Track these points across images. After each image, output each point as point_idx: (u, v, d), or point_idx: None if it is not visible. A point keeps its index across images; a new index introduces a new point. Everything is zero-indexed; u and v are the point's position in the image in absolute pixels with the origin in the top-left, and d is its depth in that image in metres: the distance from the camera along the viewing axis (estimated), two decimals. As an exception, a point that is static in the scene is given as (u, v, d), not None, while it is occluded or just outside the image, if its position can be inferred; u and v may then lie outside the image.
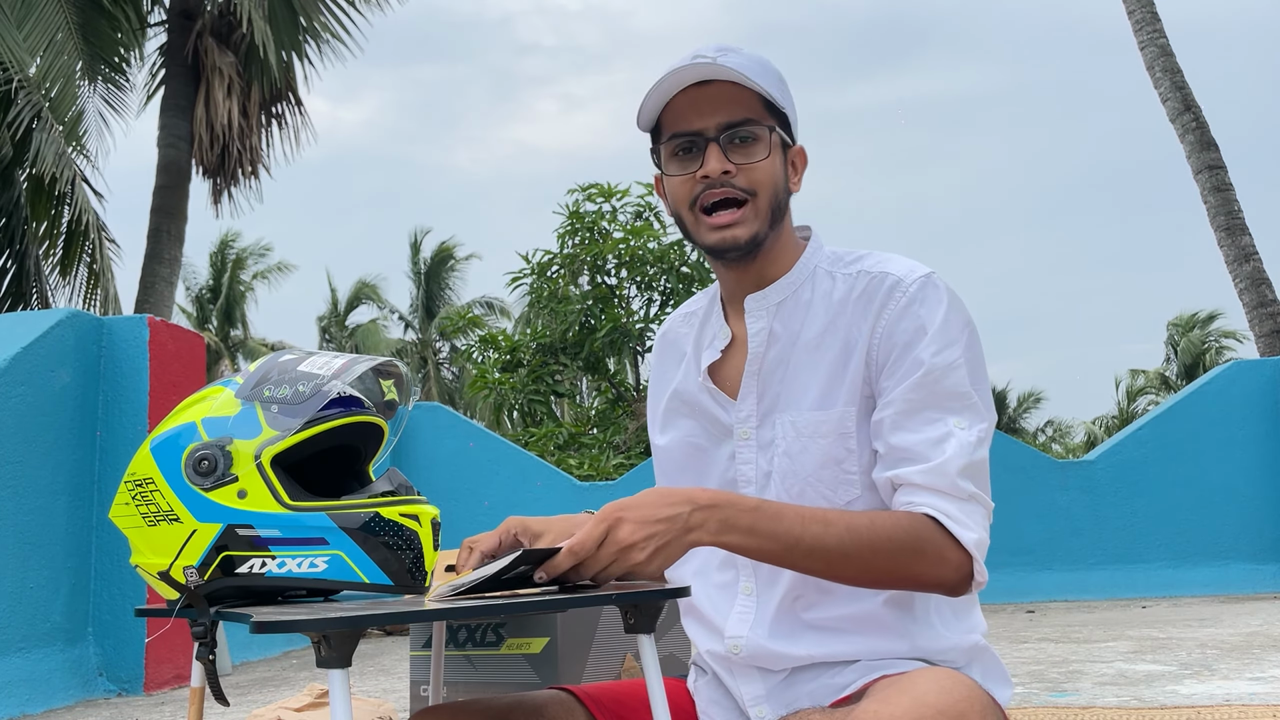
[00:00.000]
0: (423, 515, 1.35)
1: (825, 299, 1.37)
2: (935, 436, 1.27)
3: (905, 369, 1.30)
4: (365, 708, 3.07)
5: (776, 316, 1.38)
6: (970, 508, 1.26)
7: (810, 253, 1.42)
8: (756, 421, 1.38)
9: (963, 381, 1.29)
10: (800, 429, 1.34)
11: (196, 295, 31.50)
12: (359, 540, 1.31)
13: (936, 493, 1.25)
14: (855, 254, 1.41)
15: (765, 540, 1.20)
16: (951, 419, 1.28)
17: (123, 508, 1.36)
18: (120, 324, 5.01)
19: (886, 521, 1.23)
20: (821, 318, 1.36)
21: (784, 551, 1.21)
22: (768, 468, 1.36)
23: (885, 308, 1.32)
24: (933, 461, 1.26)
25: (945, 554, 1.23)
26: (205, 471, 1.30)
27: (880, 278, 1.35)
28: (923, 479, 1.25)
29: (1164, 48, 10.30)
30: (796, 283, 1.39)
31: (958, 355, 1.30)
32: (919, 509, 1.25)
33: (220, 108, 11.90)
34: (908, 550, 1.22)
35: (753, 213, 1.35)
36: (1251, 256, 9.80)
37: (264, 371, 1.39)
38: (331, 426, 1.34)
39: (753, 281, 1.41)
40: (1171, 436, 7.54)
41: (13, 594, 4.32)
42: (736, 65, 1.32)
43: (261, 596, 1.33)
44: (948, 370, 1.29)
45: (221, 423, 1.33)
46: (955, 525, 1.23)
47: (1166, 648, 4.61)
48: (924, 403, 1.28)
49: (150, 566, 1.35)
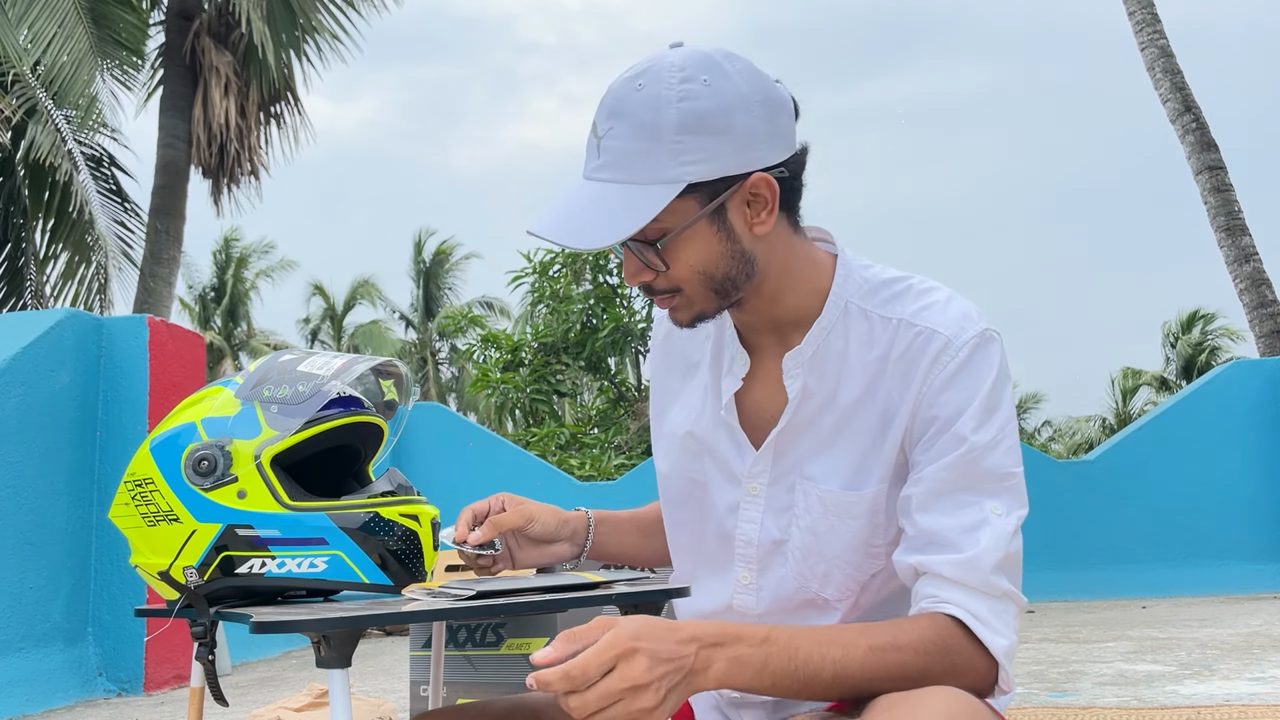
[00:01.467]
0: (422, 515, 1.35)
1: (862, 351, 1.22)
2: (969, 523, 1.14)
3: (943, 444, 1.16)
4: (365, 708, 3.07)
5: (809, 370, 1.23)
6: (1002, 607, 1.14)
7: (840, 284, 1.24)
8: (769, 479, 1.26)
9: (1003, 461, 1.16)
10: (829, 506, 1.22)
11: (200, 294, 31.50)
12: (359, 540, 1.31)
13: (967, 589, 1.13)
14: (892, 283, 1.25)
15: (780, 678, 1.06)
16: (989, 503, 1.15)
17: (122, 508, 1.36)
18: (120, 324, 5.01)
19: (911, 635, 1.11)
20: (859, 378, 1.21)
21: (803, 686, 1.07)
22: (779, 535, 1.25)
23: (930, 374, 1.18)
24: (965, 553, 1.13)
25: (974, 663, 1.12)
26: (205, 472, 1.30)
27: (927, 337, 1.19)
28: (953, 572, 1.13)
29: (1164, 49, 10.30)
30: (827, 327, 1.23)
31: (999, 430, 1.17)
32: (945, 608, 1.12)
33: (218, 107, 11.91)
34: (936, 663, 1.10)
35: (685, 300, 1.20)
36: (1251, 257, 9.80)
37: (264, 371, 1.39)
38: (331, 426, 1.34)
39: (763, 322, 1.26)
40: (1172, 436, 7.54)
41: (13, 594, 4.32)
42: (612, 169, 1.14)
43: (261, 596, 1.33)
44: (989, 448, 1.16)
45: (221, 423, 1.33)
46: (985, 631, 1.12)
47: (1167, 648, 4.61)
48: (959, 483, 1.16)
49: (150, 566, 1.35)
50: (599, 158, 1.16)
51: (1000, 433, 1.16)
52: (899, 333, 1.20)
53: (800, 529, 1.23)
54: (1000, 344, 1.20)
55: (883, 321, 1.22)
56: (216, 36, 12.23)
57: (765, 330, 1.27)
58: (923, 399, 1.18)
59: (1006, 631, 1.13)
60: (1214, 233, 10.01)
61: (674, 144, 1.13)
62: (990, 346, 1.19)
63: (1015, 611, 1.15)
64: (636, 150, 1.13)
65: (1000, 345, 1.20)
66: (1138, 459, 7.53)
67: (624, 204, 1.13)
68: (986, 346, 1.19)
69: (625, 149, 1.14)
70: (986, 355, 1.18)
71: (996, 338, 1.20)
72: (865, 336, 1.22)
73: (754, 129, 1.15)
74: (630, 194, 1.13)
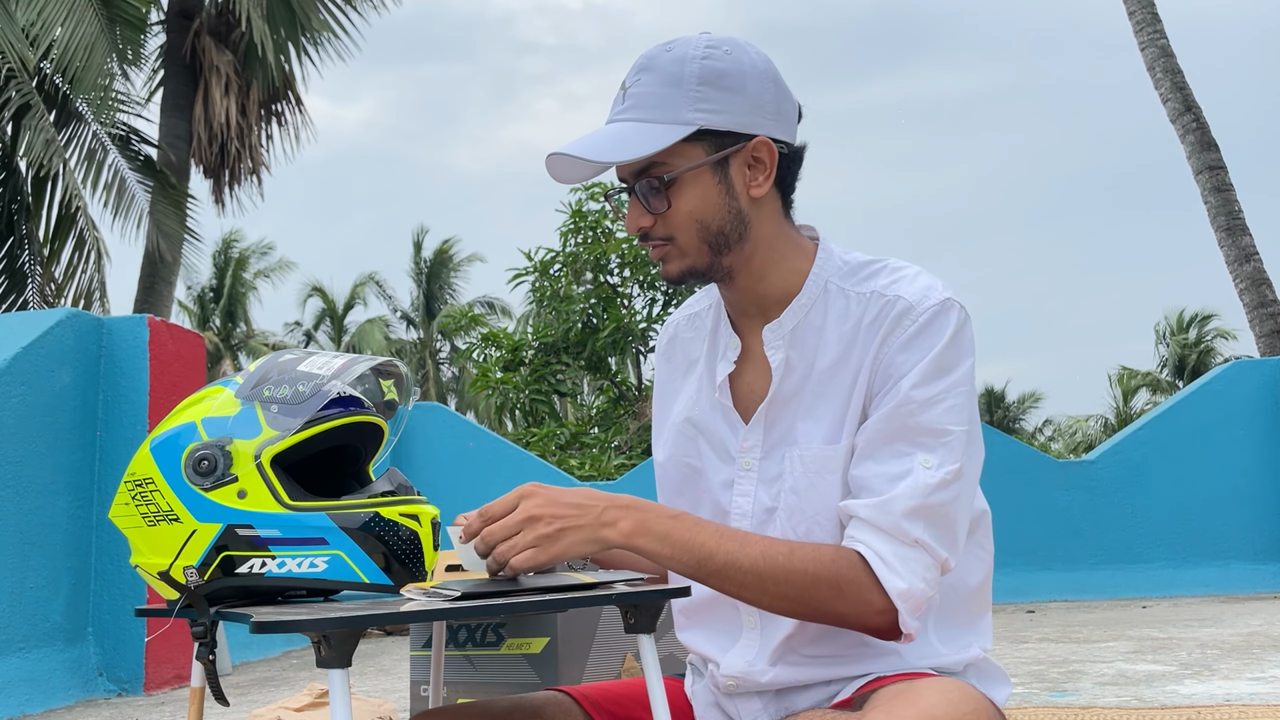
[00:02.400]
0: (423, 515, 1.35)
1: (839, 324, 1.29)
2: (895, 471, 1.20)
3: (886, 397, 1.23)
4: (365, 708, 3.07)
5: (791, 344, 1.30)
6: (911, 554, 1.17)
7: (820, 265, 1.32)
8: (761, 453, 1.31)
9: (942, 418, 1.21)
10: (808, 464, 1.27)
11: (199, 295, 31.50)
12: (359, 540, 1.31)
13: (877, 531, 1.18)
14: (869, 264, 1.32)
15: (677, 550, 1.18)
16: (920, 455, 1.20)
17: (122, 508, 1.36)
18: (120, 324, 5.01)
19: (808, 553, 1.18)
20: (835, 346, 1.28)
21: (695, 565, 1.18)
22: (770, 503, 1.29)
23: (891, 335, 1.24)
24: (880, 497, 1.19)
25: (868, 597, 1.17)
26: (205, 471, 1.30)
27: (892, 302, 1.26)
28: (866, 514, 1.19)
29: (1164, 48, 10.30)
30: (807, 304, 1.30)
31: (944, 390, 1.22)
32: (850, 543, 1.19)
33: (218, 106, 11.91)
34: (825, 585, 1.17)
35: (677, 251, 1.28)
36: (1252, 257, 9.80)
37: (264, 371, 1.39)
38: (331, 426, 1.34)
39: (750, 300, 1.33)
40: (1172, 436, 7.54)
41: (13, 594, 4.32)
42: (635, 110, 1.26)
43: (261, 596, 1.33)
44: (928, 404, 1.21)
45: (221, 423, 1.33)
46: (883, 569, 1.17)
47: (1167, 648, 4.61)
48: (894, 435, 1.21)
49: (150, 566, 1.34)
50: (623, 104, 1.27)
51: (945, 392, 1.21)
52: (870, 303, 1.28)
53: (785, 490, 1.28)
54: (960, 313, 1.25)
55: (858, 297, 1.29)
56: (216, 35, 12.24)
57: (752, 311, 1.34)
58: (881, 357, 1.25)
59: (909, 576, 1.17)
60: (1214, 232, 10.02)
61: (693, 91, 1.24)
62: (949, 313, 1.24)
63: (929, 564, 1.18)
64: (658, 95, 1.25)
65: (960, 314, 1.25)
66: (1138, 459, 7.53)
67: (640, 135, 1.24)
68: (945, 313, 1.24)
69: (648, 94, 1.25)
70: (944, 320, 1.24)
71: (957, 306, 1.25)
72: (842, 311, 1.29)
73: (763, 98, 1.27)
74: (648, 129, 1.24)
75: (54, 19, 9.79)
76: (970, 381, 1.25)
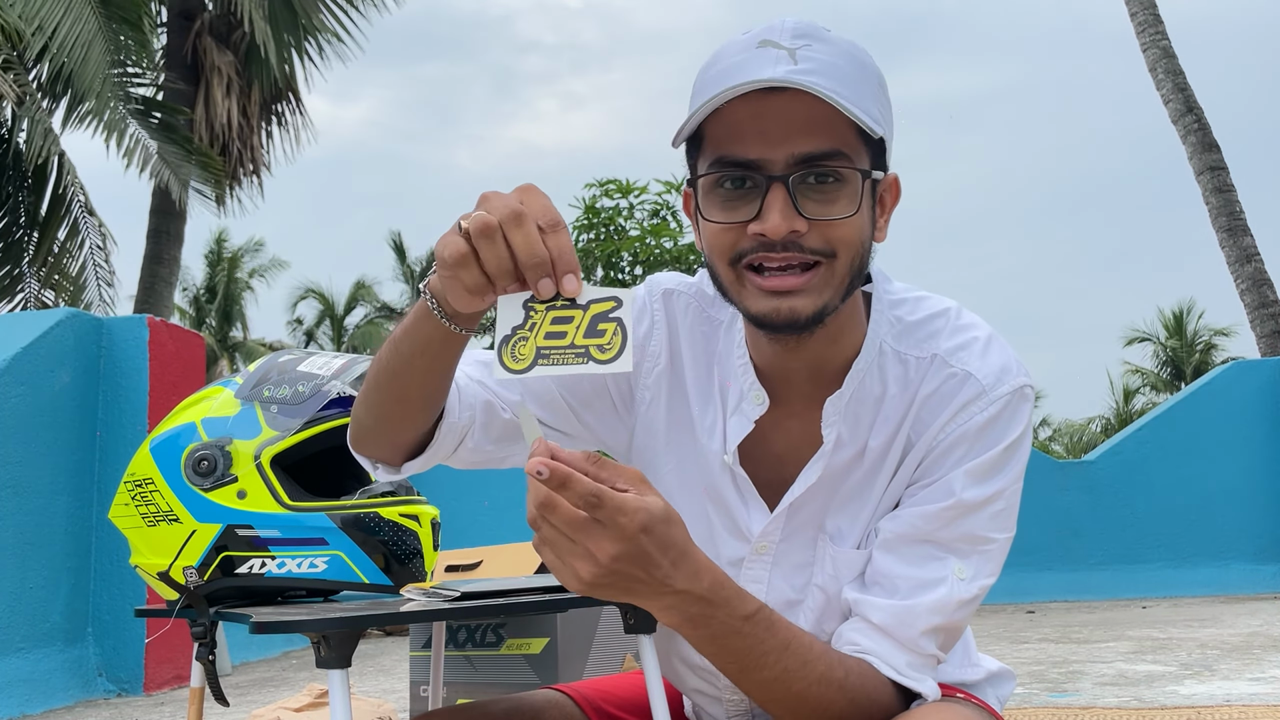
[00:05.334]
0: (422, 515, 1.35)
1: (896, 399, 1.09)
2: (924, 578, 1.05)
3: (931, 491, 1.07)
4: (365, 708, 3.07)
5: (843, 419, 1.09)
6: (922, 662, 1.06)
7: (875, 321, 1.10)
8: (781, 536, 1.12)
9: (987, 525, 1.06)
10: (839, 566, 1.11)
11: (194, 296, 31.46)
12: (359, 540, 1.31)
13: (891, 640, 1.05)
14: (927, 320, 1.11)
15: (725, 654, 0.98)
16: (954, 563, 1.06)
17: (122, 508, 1.36)
18: (120, 324, 5.01)
19: (856, 683, 1.03)
20: (891, 426, 1.09)
21: (738, 672, 1.00)
22: (794, 596, 1.12)
23: (955, 420, 1.06)
24: (903, 602, 1.05)
25: (891, 709, 1.05)
26: (205, 472, 1.30)
27: (961, 380, 1.07)
28: (882, 619, 1.05)
29: (1166, 49, 10.29)
30: (863, 369, 1.09)
31: (996, 493, 1.06)
32: (867, 659, 1.05)
33: (220, 107, 11.91)
34: (861, 711, 1.03)
35: (826, 278, 1.00)
36: (1253, 257, 9.80)
37: (263, 372, 1.39)
38: (331, 426, 1.34)
39: (804, 362, 1.09)
40: (1172, 437, 7.54)
41: (13, 594, 4.32)
42: (826, 76, 0.95)
43: (261, 597, 1.33)
44: (975, 509, 1.05)
45: (221, 423, 1.33)
46: (913, 684, 1.05)
47: (1167, 648, 4.61)
48: (931, 535, 1.06)
49: (150, 567, 1.35)
50: (796, 66, 0.96)
51: (996, 495, 1.06)
52: (931, 369, 1.08)
53: (814, 587, 1.12)
54: (1032, 403, 1.10)
55: (917, 362, 1.09)
56: (217, 36, 12.24)
57: (800, 370, 1.10)
58: (938, 443, 1.07)
59: (928, 681, 1.06)
60: (1215, 233, 10.02)
61: (877, 89, 1.01)
62: (1024, 405, 1.08)
63: (934, 668, 1.08)
64: (845, 72, 0.97)
65: (1032, 404, 1.10)
66: (1138, 459, 7.53)
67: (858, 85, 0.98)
68: (1020, 405, 1.08)
69: (836, 67, 0.97)
70: (1017, 412, 1.07)
71: (1032, 395, 1.09)
72: (900, 379, 1.10)
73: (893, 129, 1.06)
74: (853, 107, 0.96)
75: (51, 16, 9.79)
76: (1022, 477, 1.09)
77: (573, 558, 0.86)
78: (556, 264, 0.87)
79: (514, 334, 0.86)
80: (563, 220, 0.88)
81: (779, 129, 0.96)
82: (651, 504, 0.86)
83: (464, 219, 0.88)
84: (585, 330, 0.87)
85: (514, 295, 0.88)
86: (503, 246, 0.86)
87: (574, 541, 0.85)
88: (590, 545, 0.85)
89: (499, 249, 0.86)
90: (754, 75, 0.95)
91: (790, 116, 0.96)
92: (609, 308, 0.87)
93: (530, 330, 0.87)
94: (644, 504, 0.86)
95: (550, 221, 0.87)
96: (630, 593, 0.89)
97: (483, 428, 1.13)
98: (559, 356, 0.86)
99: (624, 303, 0.87)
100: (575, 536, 0.85)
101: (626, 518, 0.84)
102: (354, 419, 1.10)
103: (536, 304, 0.87)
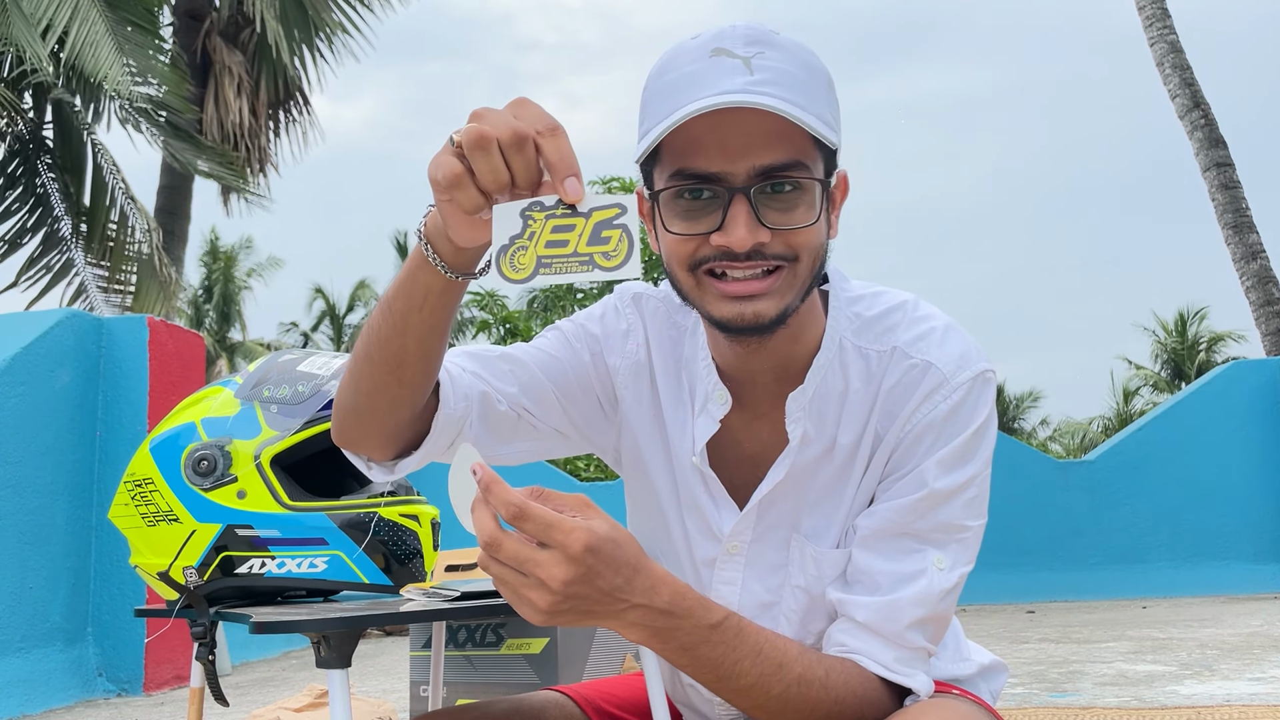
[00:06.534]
0: (422, 515, 1.35)
1: (860, 394, 1.09)
2: (904, 571, 1.06)
3: (905, 484, 1.07)
4: (365, 708, 3.07)
5: (808, 415, 1.09)
6: (912, 656, 1.06)
7: (834, 316, 1.11)
8: (753, 536, 1.13)
9: (961, 513, 1.07)
10: (824, 568, 1.10)
11: (192, 296, 31.45)
12: (358, 541, 1.31)
13: (878, 637, 1.05)
14: (885, 314, 1.12)
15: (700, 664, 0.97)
16: (933, 554, 1.06)
17: (122, 508, 1.36)
18: (120, 324, 5.01)
19: (839, 683, 1.03)
20: (858, 421, 1.09)
21: (716, 681, 0.99)
22: (767, 598, 1.13)
23: (919, 411, 1.07)
24: (886, 598, 1.05)
25: (884, 707, 1.06)
26: (205, 472, 1.30)
27: (921, 369, 1.08)
28: (866, 617, 1.05)
29: (1174, 44, 10.28)
30: (824, 365, 1.10)
31: (967, 478, 1.07)
32: (855, 658, 1.05)
33: (231, 106, 11.91)
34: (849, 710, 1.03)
35: (789, 281, 1.01)
36: (1259, 254, 9.79)
37: (263, 371, 1.39)
38: (330, 426, 1.34)
39: (767, 362, 1.09)
40: (1172, 436, 7.54)
41: (12, 594, 4.32)
42: (782, 86, 0.97)
43: (261, 597, 1.33)
44: (949, 497, 1.06)
45: (221, 423, 1.33)
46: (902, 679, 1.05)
47: (1167, 648, 4.61)
48: (907, 527, 1.07)
49: (150, 567, 1.34)
50: (752, 76, 0.97)
51: (968, 483, 1.07)
52: (892, 362, 1.09)
53: (794, 588, 1.12)
54: (994, 387, 1.10)
55: (878, 356, 1.10)
56: (226, 36, 12.24)
57: (764, 371, 1.10)
58: (905, 434, 1.08)
59: (919, 676, 1.06)
60: (1221, 230, 10.01)
61: (827, 92, 1.02)
62: (987, 390, 1.09)
63: (925, 660, 1.07)
64: (800, 79, 0.99)
65: (994, 389, 1.10)
66: (1138, 459, 7.53)
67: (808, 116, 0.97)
68: (984, 390, 1.08)
69: (788, 72, 0.98)
70: (980, 397, 1.08)
71: (993, 379, 1.10)
72: (862, 373, 1.10)
73: None
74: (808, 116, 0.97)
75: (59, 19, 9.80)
76: (990, 463, 1.10)
77: (527, 590, 0.87)
78: (557, 168, 0.84)
79: (512, 244, 0.83)
80: (560, 125, 0.85)
81: (739, 141, 0.97)
82: (595, 525, 0.88)
83: (456, 133, 0.86)
84: (589, 238, 0.83)
85: (511, 204, 0.84)
86: (498, 158, 0.84)
87: (525, 575, 0.87)
88: (540, 575, 0.86)
89: (494, 161, 0.84)
90: (713, 89, 0.96)
91: (750, 129, 0.97)
92: (613, 214, 0.83)
93: (530, 239, 0.83)
94: (586, 525, 0.87)
95: (548, 126, 0.85)
96: (590, 615, 0.90)
97: (480, 419, 1.11)
98: (561, 265, 0.83)
99: (628, 209, 0.84)
100: (525, 569, 0.86)
101: (571, 541, 0.86)
102: (337, 407, 1.06)
103: (535, 212, 0.83)
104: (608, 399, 1.19)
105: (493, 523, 0.86)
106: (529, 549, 0.86)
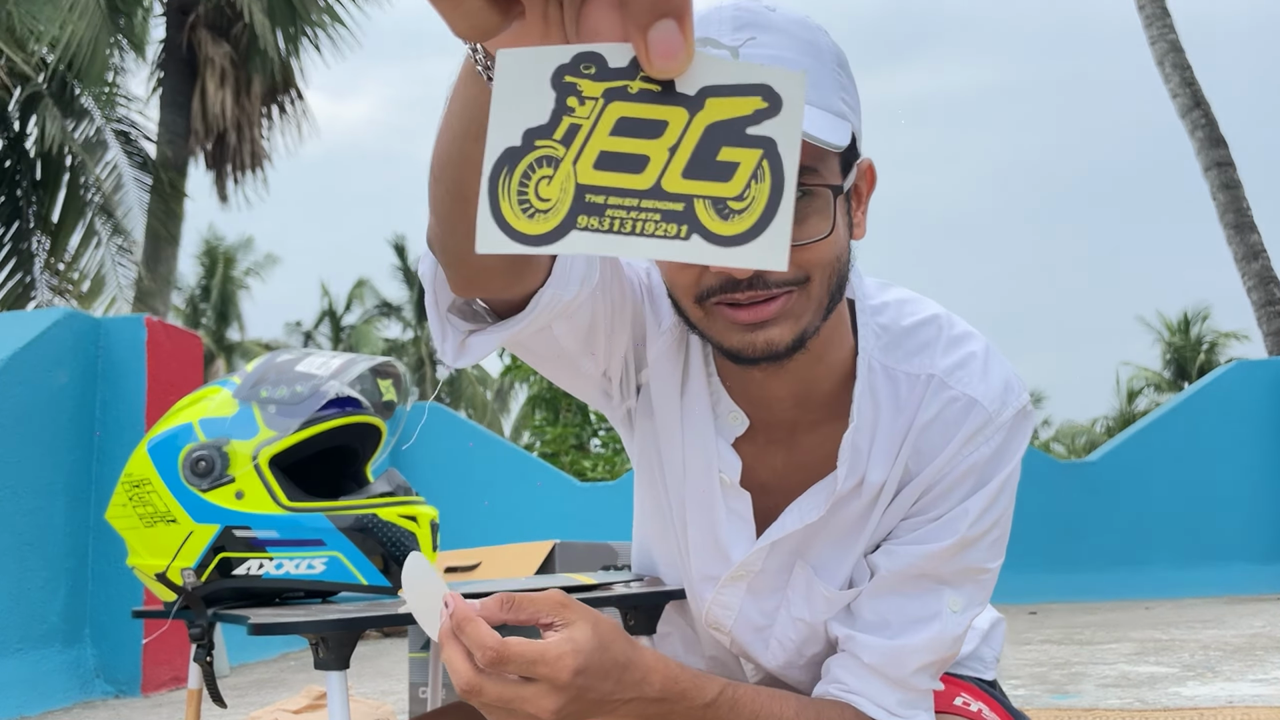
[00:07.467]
0: (421, 516, 1.34)
1: (890, 425, 1.01)
2: (918, 613, 1.01)
3: (934, 529, 1.01)
4: (363, 709, 3.06)
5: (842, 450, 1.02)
6: (913, 699, 1.01)
7: (863, 334, 1.01)
8: (761, 567, 1.07)
9: (983, 556, 1.01)
10: (832, 605, 1.05)
11: (189, 296, 31.44)
12: (357, 542, 1.30)
13: (882, 679, 1.00)
14: (912, 324, 1.03)
15: None
16: (949, 595, 1.01)
17: (120, 509, 1.35)
18: (117, 324, 5.00)
19: None
20: (888, 456, 1.01)
21: None
22: (761, 621, 1.08)
23: (963, 451, 1.00)
24: (895, 641, 1.00)
25: None
26: (202, 472, 1.29)
27: (965, 406, 0.99)
28: (872, 658, 1.00)
29: (1174, 43, 10.27)
30: (862, 394, 1.00)
31: (993, 523, 1.01)
32: (853, 699, 1.00)
33: (213, 97, 11.93)
34: None
35: (802, 302, 0.91)
36: (1260, 254, 9.78)
37: (261, 372, 1.38)
38: (329, 427, 1.33)
39: (787, 387, 1.00)
40: (1175, 437, 7.53)
41: (10, 595, 4.31)
42: None
43: (259, 598, 1.32)
44: (975, 543, 1.00)
45: (219, 423, 1.32)
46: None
47: (1170, 649, 4.60)
48: (931, 571, 1.01)
49: (147, 568, 1.33)
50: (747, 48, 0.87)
51: (993, 525, 1.01)
52: (929, 393, 1.00)
53: (790, 619, 1.07)
54: (1033, 421, 1.04)
55: (909, 379, 1.01)
56: (214, 28, 12.25)
57: (786, 399, 1.02)
58: (942, 477, 1.00)
59: (921, 716, 1.02)
60: (1222, 229, 10.00)
61: (835, 72, 0.90)
62: (1027, 426, 1.02)
63: (929, 699, 1.03)
64: (803, 65, 0.86)
65: (1032, 423, 1.04)
66: (1140, 460, 7.53)
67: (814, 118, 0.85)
68: (1024, 426, 1.01)
69: (787, 60, 0.86)
70: (1021, 438, 1.01)
71: (1033, 413, 1.03)
72: (892, 400, 1.01)
73: None
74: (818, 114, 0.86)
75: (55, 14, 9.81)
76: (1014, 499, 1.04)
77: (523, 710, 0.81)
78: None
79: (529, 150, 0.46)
80: None
81: None
82: (579, 639, 0.82)
83: None
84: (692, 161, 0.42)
85: (535, 51, 0.46)
86: None
87: (512, 712, 0.81)
88: (530, 710, 0.81)
89: None
90: None
91: None
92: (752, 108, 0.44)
93: (567, 143, 0.46)
94: (571, 645, 0.81)
95: None
96: (585, 717, 0.85)
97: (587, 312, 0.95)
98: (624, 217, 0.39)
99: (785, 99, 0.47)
100: (512, 706, 0.81)
101: (558, 671, 0.80)
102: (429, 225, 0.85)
103: (584, 77, 0.42)
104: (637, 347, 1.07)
105: (469, 666, 0.80)
106: (514, 687, 0.80)
